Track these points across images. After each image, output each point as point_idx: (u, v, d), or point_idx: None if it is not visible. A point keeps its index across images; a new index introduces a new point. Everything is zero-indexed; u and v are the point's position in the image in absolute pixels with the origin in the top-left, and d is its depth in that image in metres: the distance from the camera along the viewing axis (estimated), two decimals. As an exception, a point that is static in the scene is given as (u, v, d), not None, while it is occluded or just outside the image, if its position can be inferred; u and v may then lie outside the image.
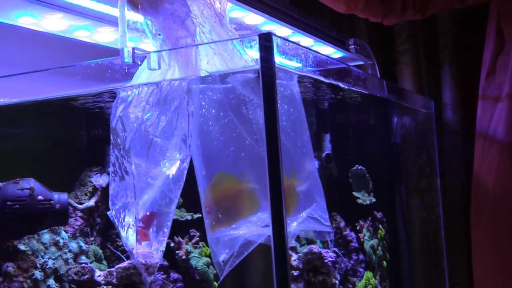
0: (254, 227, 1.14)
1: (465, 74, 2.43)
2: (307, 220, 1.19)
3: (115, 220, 1.25)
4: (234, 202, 1.15)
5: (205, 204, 1.15)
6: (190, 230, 1.92)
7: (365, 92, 1.62)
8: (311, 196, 1.21)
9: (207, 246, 1.92)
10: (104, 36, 1.76)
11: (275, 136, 1.03)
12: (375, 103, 1.91)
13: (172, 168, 1.16)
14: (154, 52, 1.14)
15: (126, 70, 1.18)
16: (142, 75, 1.21)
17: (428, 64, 2.53)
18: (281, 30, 1.77)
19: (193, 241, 1.88)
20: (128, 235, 1.22)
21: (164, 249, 1.20)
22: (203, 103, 1.15)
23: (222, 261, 1.15)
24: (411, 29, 2.53)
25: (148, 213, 1.22)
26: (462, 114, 2.43)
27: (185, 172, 1.16)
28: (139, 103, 1.20)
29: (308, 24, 1.92)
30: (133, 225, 1.21)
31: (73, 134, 1.85)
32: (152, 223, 1.24)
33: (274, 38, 1.05)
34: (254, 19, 1.73)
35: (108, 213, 1.28)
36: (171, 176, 1.16)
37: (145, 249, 1.20)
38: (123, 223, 1.24)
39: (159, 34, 1.13)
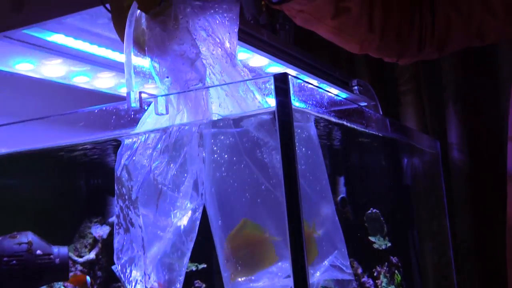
0: (275, 278, 1.07)
1: (470, 113, 2.39)
2: (330, 268, 1.11)
3: (121, 275, 1.17)
4: (254, 251, 1.08)
5: (223, 255, 1.08)
6: (195, 281, 1.84)
7: (376, 133, 1.57)
8: (333, 243, 1.14)
9: (214, 297, 1.84)
10: (104, 82, 1.71)
11: (294, 181, 0.97)
12: (386, 144, 1.86)
13: (183, 218, 1.09)
14: (162, 96, 1.08)
15: (132, 116, 1.12)
16: (148, 121, 1.15)
17: (432, 103, 2.49)
18: (286, 71, 1.72)
19: (199, 293, 1.80)
20: (137, 291, 1.14)
21: (176, 306, 1.12)
22: (215, 148, 1.08)
23: (243, 316, 1.07)
24: (414, 68, 2.50)
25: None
26: (468, 153, 2.37)
27: (198, 222, 1.08)
28: (146, 150, 1.13)
29: (312, 65, 1.88)
30: (141, 280, 1.13)
31: (72, 184, 1.79)
32: None
33: (290, 78, 1.00)
34: (259, 61, 1.68)
35: (113, 267, 1.20)
36: (182, 227, 1.09)
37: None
38: (130, 279, 1.16)
39: (167, 77, 1.07)
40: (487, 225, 2.35)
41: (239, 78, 1.11)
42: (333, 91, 2.02)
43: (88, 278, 1.67)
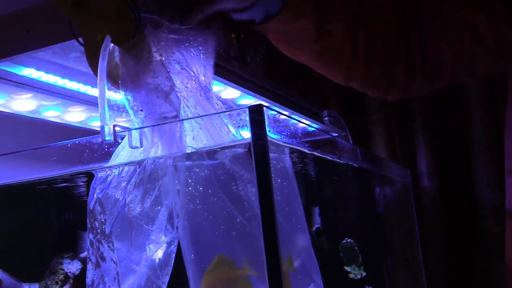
0: (249, 313, 1.06)
1: (439, 141, 2.43)
2: (307, 302, 1.11)
3: (94, 311, 1.15)
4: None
5: (195, 289, 1.07)
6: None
7: (349, 163, 1.58)
8: (309, 275, 1.13)
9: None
10: (75, 116, 1.70)
11: (271, 214, 0.97)
12: (358, 174, 1.87)
13: (158, 252, 1.08)
14: (136, 129, 1.07)
15: (106, 149, 1.11)
16: (122, 154, 1.14)
17: (401, 133, 2.52)
18: (259, 103, 1.73)
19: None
20: (111, 328, 1.11)
21: None
22: (190, 181, 1.08)
23: None
24: (383, 99, 2.53)
25: None
26: (438, 181, 2.40)
27: (173, 255, 1.07)
28: (120, 183, 1.12)
29: (284, 97, 1.89)
30: (115, 316, 1.11)
31: (43, 219, 1.75)
32: None
33: (265, 110, 1.00)
34: (231, 93, 1.69)
35: (85, 303, 1.18)
36: (157, 260, 1.08)
37: None
38: (104, 314, 1.14)
39: (141, 110, 1.07)
40: (458, 252, 2.37)
41: (213, 111, 1.12)
42: (305, 122, 2.03)
43: None
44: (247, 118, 0.99)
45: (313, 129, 1.63)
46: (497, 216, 2.28)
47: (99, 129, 1.06)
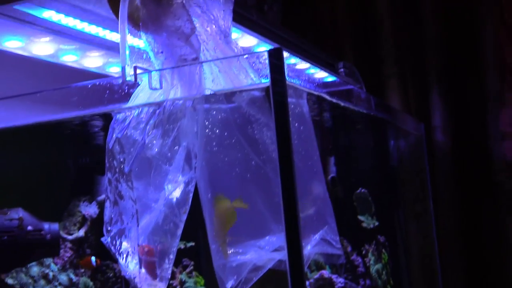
0: (262, 252, 1.09)
1: (454, 96, 2.42)
2: (320, 242, 1.14)
3: (111, 247, 1.19)
4: (240, 224, 1.10)
5: (211, 229, 1.09)
6: (183, 259, 1.86)
7: (365, 112, 1.59)
8: (323, 218, 1.16)
9: (201, 275, 1.85)
10: (93, 61, 1.71)
11: (289, 156, 0.99)
12: (373, 125, 1.88)
13: (176, 191, 1.10)
14: (156, 70, 1.09)
15: (126, 90, 1.13)
16: (141, 95, 1.16)
17: (416, 87, 2.52)
18: (277, 47, 1.74)
19: (187, 270, 1.81)
20: (128, 263, 1.15)
21: (169, 277, 1.14)
22: (207, 123, 1.10)
23: (230, 288, 1.09)
24: (398, 52, 2.52)
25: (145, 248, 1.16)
26: (452, 136, 2.41)
27: (191, 195, 1.10)
28: (139, 124, 1.14)
29: (300, 47, 1.89)
30: (132, 252, 1.15)
31: (62, 162, 1.79)
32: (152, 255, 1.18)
33: (284, 53, 1.01)
34: (248, 41, 1.69)
35: (103, 239, 1.21)
36: (175, 199, 1.10)
37: (149, 277, 1.13)
38: (120, 250, 1.17)
39: (161, 52, 1.08)
40: (469, 206, 2.39)
41: (232, 54, 1.13)
42: (322, 74, 2.04)
43: (93, 258, 1.68)
44: (266, 62, 1.01)
45: (329, 78, 1.64)
46: (510, 171, 2.29)
47: (117, 75, 1.08)
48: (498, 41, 2.32)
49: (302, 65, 1.89)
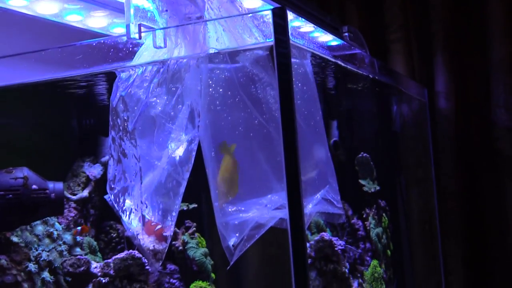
0: (264, 210, 1.10)
1: (458, 62, 2.41)
2: (321, 201, 1.15)
3: (115, 205, 1.21)
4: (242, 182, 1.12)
5: (214, 187, 1.11)
6: (186, 221, 1.87)
7: (369, 76, 1.59)
8: (324, 177, 1.17)
9: (203, 237, 1.87)
10: (97, 21, 1.70)
11: (291, 114, 0.99)
12: (378, 89, 1.88)
13: (179, 149, 1.12)
14: (160, 29, 1.09)
15: (130, 49, 1.13)
16: (145, 54, 1.16)
17: (420, 52, 2.51)
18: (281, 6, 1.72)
19: (190, 231, 1.83)
20: (131, 220, 1.17)
21: (172, 234, 1.15)
22: (211, 82, 1.10)
23: (232, 245, 1.10)
24: (403, 17, 2.51)
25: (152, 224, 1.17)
26: (455, 102, 2.41)
27: (194, 153, 1.11)
28: (143, 83, 1.15)
29: (305, 9, 1.88)
30: (135, 209, 1.16)
31: (65, 122, 1.79)
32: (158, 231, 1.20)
33: (288, 12, 1.01)
34: (253, 2, 1.68)
35: (106, 197, 1.22)
36: (178, 158, 1.11)
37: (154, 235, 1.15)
38: (124, 208, 1.19)
39: (166, 10, 1.08)
40: (470, 172, 2.40)
41: (237, 13, 1.13)
42: (327, 38, 2.03)
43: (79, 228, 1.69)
44: (270, 21, 1.01)
45: (334, 42, 1.63)
46: (511, 138, 2.30)
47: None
48: (504, 8, 2.31)
49: (306, 28, 1.88)
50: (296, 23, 1.81)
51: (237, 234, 1.11)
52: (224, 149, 1.12)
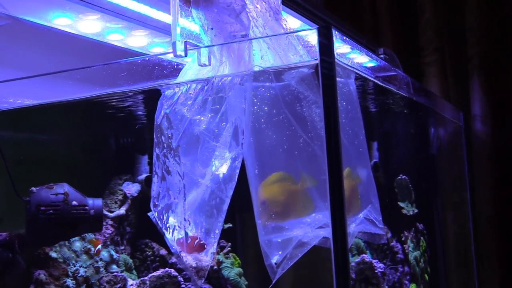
0: (308, 229, 1.10)
1: (494, 85, 2.40)
2: (364, 221, 1.14)
3: (158, 222, 1.21)
4: (288, 201, 1.11)
5: (257, 203, 1.11)
6: (221, 241, 1.87)
7: (408, 97, 1.59)
8: (367, 197, 1.16)
9: (237, 257, 1.87)
10: (137, 40, 1.72)
11: (336, 133, 0.99)
12: (415, 111, 1.87)
13: (222, 167, 1.12)
14: (205, 47, 1.10)
15: (175, 66, 1.14)
16: (189, 72, 1.17)
17: (456, 75, 2.50)
18: (327, 24, 1.72)
19: (224, 251, 1.83)
20: (174, 237, 1.17)
21: (215, 251, 1.15)
22: (256, 100, 1.11)
23: (275, 263, 1.10)
24: (438, 40, 2.50)
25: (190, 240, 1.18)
26: (492, 126, 2.38)
27: (237, 171, 1.11)
28: (187, 100, 1.16)
29: (343, 31, 1.89)
30: (179, 226, 1.16)
31: (104, 141, 1.81)
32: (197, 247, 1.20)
33: (334, 31, 1.01)
34: (292, 23, 1.69)
35: (150, 214, 1.22)
36: (221, 175, 1.12)
37: (196, 253, 1.15)
38: (167, 225, 1.19)
39: (211, 28, 1.09)
40: (507, 198, 2.37)
41: (282, 32, 1.13)
42: (363, 59, 2.03)
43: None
44: (316, 39, 1.01)
45: (370, 63, 1.62)
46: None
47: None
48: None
49: (343, 49, 1.88)
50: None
51: (280, 252, 1.10)
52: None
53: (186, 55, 1.08)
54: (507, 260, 2.35)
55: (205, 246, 1.15)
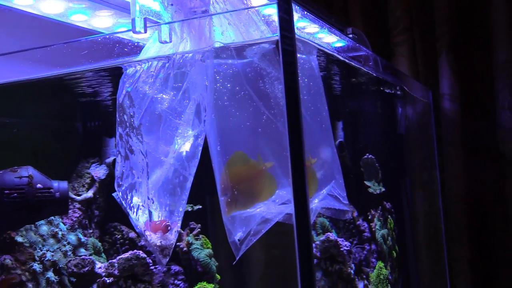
0: (272, 205, 1.10)
1: (463, 64, 2.41)
2: (327, 197, 1.14)
3: (122, 202, 1.20)
4: (252, 185, 1.10)
5: (220, 182, 1.10)
6: (191, 222, 1.87)
7: (375, 75, 1.59)
8: (331, 173, 1.16)
9: (208, 238, 1.87)
10: (102, 21, 1.70)
11: (297, 109, 0.99)
12: (383, 90, 1.87)
13: (185, 145, 1.11)
14: (166, 23, 1.09)
15: (136, 44, 1.13)
16: (151, 50, 1.16)
17: (425, 54, 2.50)
18: None
19: (194, 232, 1.82)
20: (138, 217, 1.16)
21: (179, 229, 1.14)
22: (218, 77, 1.10)
23: (238, 240, 1.09)
24: (407, 19, 2.50)
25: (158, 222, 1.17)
26: (460, 104, 2.39)
27: (200, 148, 1.11)
28: (148, 78, 1.15)
29: (309, 9, 1.88)
30: (143, 205, 1.15)
31: (69, 121, 1.79)
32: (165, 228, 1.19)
33: (293, 6, 1.01)
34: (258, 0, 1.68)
35: (114, 194, 1.21)
36: (184, 153, 1.11)
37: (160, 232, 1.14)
38: (131, 205, 1.18)
39: (171, 4, 1.08)
40: (476, 175, 2.39)
41: (242, 7, 1.12)
42: (332, 38, 2.03)
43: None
44: (275, 14, 1.00)
45: (339, 43, 1.62)
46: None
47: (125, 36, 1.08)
48: (509, 10, 2.30)
49: (311, 28, 1.87)
50: (301, 23, 1.81)
51: (243, 229, 1.10)
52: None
53: (145, 32, 1.06)
54: (477, 238, 2.37)
55: (170, 226, 1.14)
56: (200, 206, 1.88)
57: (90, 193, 1.75)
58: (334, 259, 1.55)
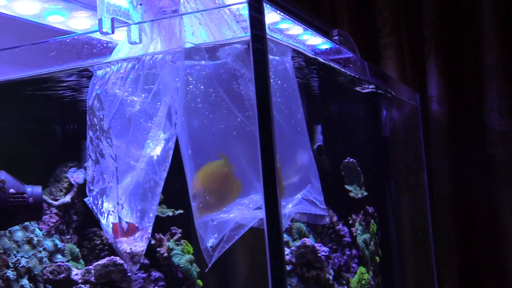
0: (245, 210, 1.06)
1: (450, 66, 2.38)
2: (302, 202, 1.11)
3: (93, 207, 1.16)
4: (221, 187, 1.07)
5: (191, 186, 1.07)
6: (172, 228, 1.83)
7: (359, 77, 1.55)
8: (306, 177, 1.13)
9: (190, 243, 1.83)
10: (79, 22, 1.66)
11: (267, 110, 0.95)
12: (368, 92, 1.84)
13: (156, 148, 1.08)
14: (135, 23, 1.05)
15: (105, 45, 1.09)
16: (122, 51, 1.12)
17: (413, 57, 2.47)
18: (269, 15, 1.69)
19: (175, 238, 1.79)
20: (109, 223, 1.12)
21: (149, 236, 1.11)
22: (190, 79, 1.07)
23: (211, 247, 1.06)
24: (395, 21, 2.48)
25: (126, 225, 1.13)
26: (448, 107, 2.37)
27: (171, 152, 1.07)
28: (118, 80, 1.11)
29: (293, 12, 1.85)
30: (113, 211, 1.12)
31: (44, 126, 1.75)
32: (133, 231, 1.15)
33: (265, 5, 0.98)
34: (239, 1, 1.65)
35: (86, 199, 1.18)
36: (155, 157, 1.07)
37: (129, 236, 1.11)
38: (102, 210, 1.15)
39: (140, 4, 1.04)
40: (464, 178, 2.36)
41: (214, 6, 1.09)
42: (317, 41, 1.99)
43: None
44: (247, 13, 0.97)
45: (324, 45, 1.58)
46: (504, 143, 2.26)
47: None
48: (497, 12, 2.28)
49: (295, 30, 1.84)
50: (284, 24, 1.78)
51: (215, 235, 1.06)
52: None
53: (113, 32, 1.03)
54: (466, 242, 2.34)
55: (138, 229, 1.11)
56: (182, 211, 1.85)
57: (67, 198, 1.71)
58: (311, 265, 1.52)
